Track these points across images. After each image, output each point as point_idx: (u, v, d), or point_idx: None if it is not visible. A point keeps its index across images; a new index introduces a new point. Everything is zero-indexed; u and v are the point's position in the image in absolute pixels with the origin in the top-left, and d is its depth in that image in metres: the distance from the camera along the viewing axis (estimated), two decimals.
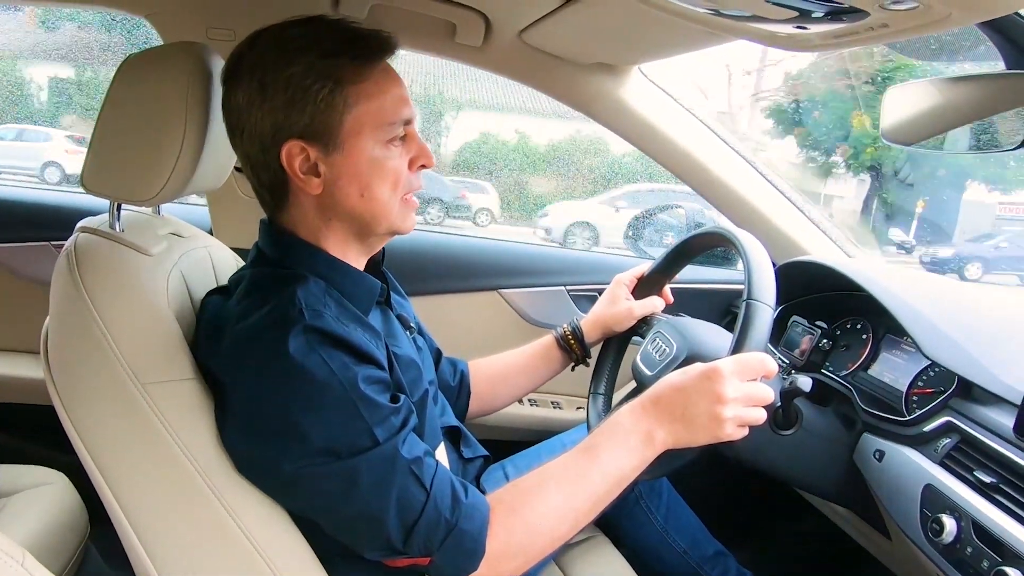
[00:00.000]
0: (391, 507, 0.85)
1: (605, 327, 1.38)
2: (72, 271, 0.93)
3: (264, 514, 0.90)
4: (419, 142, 0.97)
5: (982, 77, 1.02)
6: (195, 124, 0.95)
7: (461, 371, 1.35)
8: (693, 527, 1.47)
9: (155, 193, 0.96)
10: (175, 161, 0.95)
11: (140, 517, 0.90)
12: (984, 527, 0.88)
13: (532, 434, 1.72)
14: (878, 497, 1.08)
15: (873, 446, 1.10)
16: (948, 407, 1.05)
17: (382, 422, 0.86)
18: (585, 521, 0.95)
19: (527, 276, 1.82)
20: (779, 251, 1.63)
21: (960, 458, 0.99)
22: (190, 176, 0.98)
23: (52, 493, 1.34)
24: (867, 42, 0.84)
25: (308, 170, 0.92)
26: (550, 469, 0.94)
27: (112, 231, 1.00)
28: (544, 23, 1.33)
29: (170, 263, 1.01)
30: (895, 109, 1.12)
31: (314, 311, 0.86)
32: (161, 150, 0.95)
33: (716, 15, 0.89)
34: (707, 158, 1.64)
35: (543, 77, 1.61)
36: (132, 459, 0.89)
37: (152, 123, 0.95)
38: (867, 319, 1.34)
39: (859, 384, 1.26)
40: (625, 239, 2.18)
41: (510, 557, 0.91)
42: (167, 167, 0.95)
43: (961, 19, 0.71)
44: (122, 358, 0.89)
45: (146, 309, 0.93)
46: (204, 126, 0.97)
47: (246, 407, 0.87)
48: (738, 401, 0.93)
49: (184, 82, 0.95)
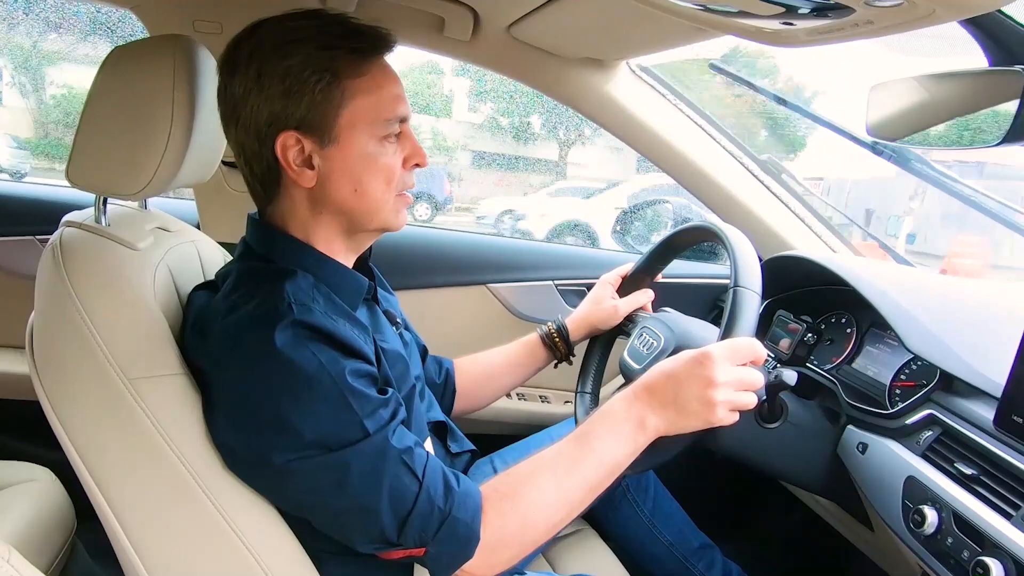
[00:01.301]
0: (384, 498, 0.85)
1: (590, 326, 1.38)
2: (57, 266, 0.93)
3: (253, 510, 0.90)
4: (413, 141, 0.97)
5: (966, 74, 1.03)
6: (182, 117, 0.95)
7: (446, 369, 1.35)
8: (679, 520, 1.48)
9: (141, 187, 0.96)
10: (161, 155, 0.94)
11: (127, 513, 0.89)
12: (964, 518, 0.90)
13: (520, 428, 1.73)
14: (861, 489, 1.10)
15: (856, 439, 1.12)
16: (930, 400, 1.06)
17: (371, 414, 0.86)
18: (579, 509, 0.95)
19: (515, 270, 1.82)
20: (765, 246, 1.64)
21: (942, 450, 1.00)
22: (177, 170, 0.97)
23: (38, 489, 1.33)
24: (853, 38, 0.84)
25: (302, 162, 0.91)
26: (543, 457, 0.95)
27: (98, 225, 0.99)
28: (532, 18, 1.33)
29: (157, 258, 1.01)
30: (880, 105, 1.13)
31: (302, 305, 0.86)
32: (147, 144, 0.94)
33: (704, 11, 0.89)
34: (694, 153, 1.65)
35: (531, 72, 1.61)
36: (119, 455, 0.89)
37: (138, 116, 0.94)
38: (851, 313, 1.35)
39: (843, 377, 1.27)
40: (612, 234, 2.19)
41: (504, 545, 0.91)
42: (153, 161, 0.94)
43: (945, 16, 0.72)
44: (108, 353, 0.88)
45: (132, 304, 0.92)
46: (191, 119, 0.96)
47: (234, 402, 0.87)
48: (729, 385, 0.94)
49: (171, 75, 0.94)
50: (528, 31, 1.43)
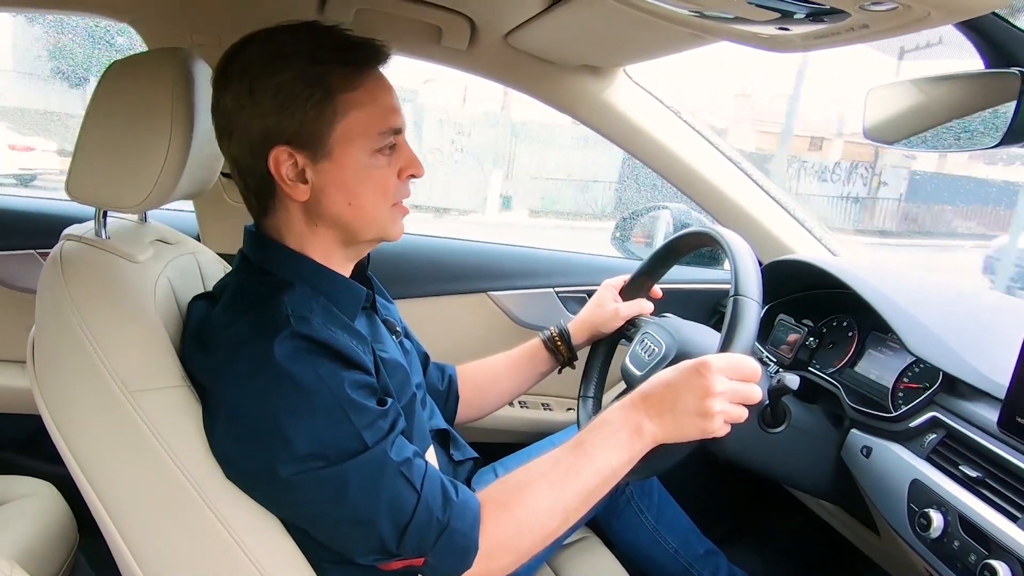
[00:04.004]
0: (382, 510, 0.84)
1: (593, 329, 1.38)
2: (58, 279, 0.93)
3: (255, 521, 0.89)
4: (408, 152, 0.97)
5: (962, 76, 1.03)
6: (181, 130, 0.95)
7: (449, 376, 1.35)
8: (684, 526, 1.47)
9: (141, 200, 0.96)
10: (161, 167, 0.94)
11: (129, 527, 0.89)
12: (970, 521, 0.89)
13: (523, 436, 1.72)
14: (866, 493, 1.09)
15: (860, 442, 1.11)
16: (933, 403, 1.06)
17: (370, 426, 0.86)
18: (576, 517, 0.95)
19: (516, 278, 1.82)
20: (765, 250, 1.64)
21: (946, 453, 1.00)
22: (176, 182, 0.97)
23: (40, 504, 1.33)
24: (849, 42, 0.85)
25: (296, 177, 0.91)
26: (540, 465, 0.94)
27: (98, 238, 1.00)
28: (529, 26, 1.34)
29: (157, 270, 1.01)
30: (877, 108, 1.13)
31: (300, 317, 0.86)
32: (146, 157, 0.94)
33: (699, 17, 0.90)
34: (692, 159, 1.65)
35: (529, 80, 1.61)
36: (121, 468, 0.89)
37: (137, 129, 0.94)
38: (853, 316, 1.35)
39: (846, 381, 1.27)
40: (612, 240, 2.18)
41: (502, 553, 0.91)
42: (153, 174, 0.94)
43: (940, 19, 0.72)
44: (109, 366, 0.88)
45: (133, 317, 0.92)
46: (190, 132, 0.96)
47: (233, 413, 0.86)
48: (725, 396, 0.93)
49: (169, 88, 0.94)
50: (525, 39, 1.43)
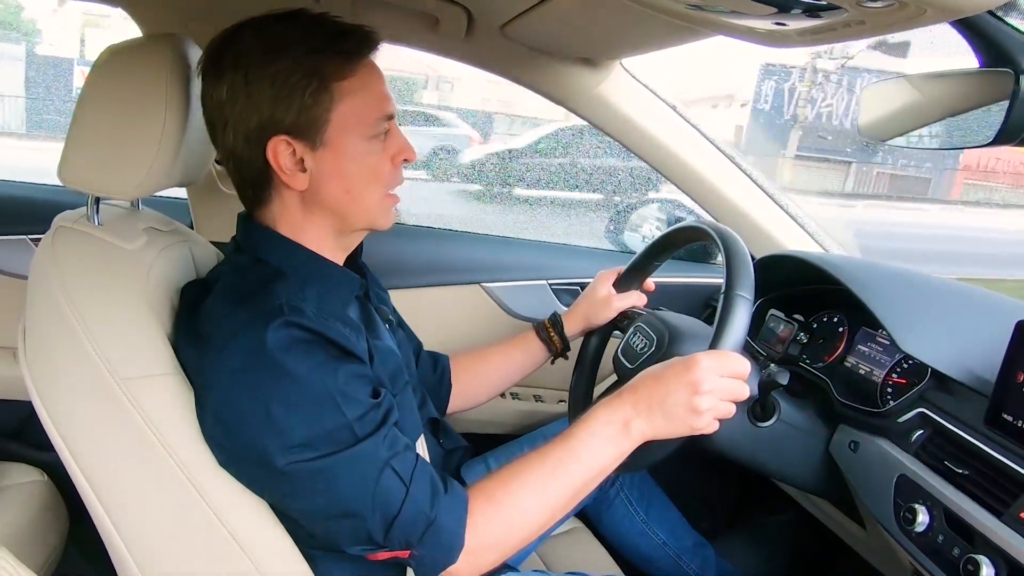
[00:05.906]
0: (371, 503, 0.85)
1: (586, 320, 1.38)
2: (50, 266, 0.92)
3: (246, 509, 0.90)
4: (401, 137, 0.98)
5: (957, 74, 1.03)
6: (175, 117, 0.94)
7: (442, 365, 1.35)
8: (673, 519, 1.49)
9: (134, 187, 0.95)
10: (154, 155, 0.94)
11: (121, 514, 0.89)
12: (955, 516, 0.90)
13: (514, 427, 1.73)
14: (853, 487, 1.10)
15: (848, 437, 1.12)
16: (922, 399, 1.07)
17: (362, 418, 0.86)
18: (563, 512, 0.96)
19: (509, 270, 1.82)
20: (757, 245, 1.64)
21: (933, 449, 1.00)
22: (169, 170, 0.97)
23: (31, 491, 1.33)
24: (845, 38, 0.85)
25: (294, 166, 0.91)
26: (528, 460, 0.95)
27: (90, 225, 0.99)
28: (526, 17, 1.33)
29: (149, 258, 1.00)
30: (872, 106, 1.14)
31: (293, 306, 0.86)
32: (140, 143, 0.94)
33: (696, 10, 0.90)
34: (687, 153, 1.65)
35: (525, 71, 1.61)
36: (112, 456, 0.89)
37: (131, 116, 0.94)
38: (843, 312, 1.36)
39: (835, 376, 1.28)
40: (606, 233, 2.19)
41: (488, 548, 0.91)
42: (146, 161, 0.94)
43: (936, 17, 0.73)
44: (101, 354, 0.88)
45: (125, 304, 0.92)
46: (184, 119, 0.96)
47: (225, 402, 0.87)
48: (715, 393, 0.94)
49: (164, 74, 0.94)
50: (521, 31, 1.43)
